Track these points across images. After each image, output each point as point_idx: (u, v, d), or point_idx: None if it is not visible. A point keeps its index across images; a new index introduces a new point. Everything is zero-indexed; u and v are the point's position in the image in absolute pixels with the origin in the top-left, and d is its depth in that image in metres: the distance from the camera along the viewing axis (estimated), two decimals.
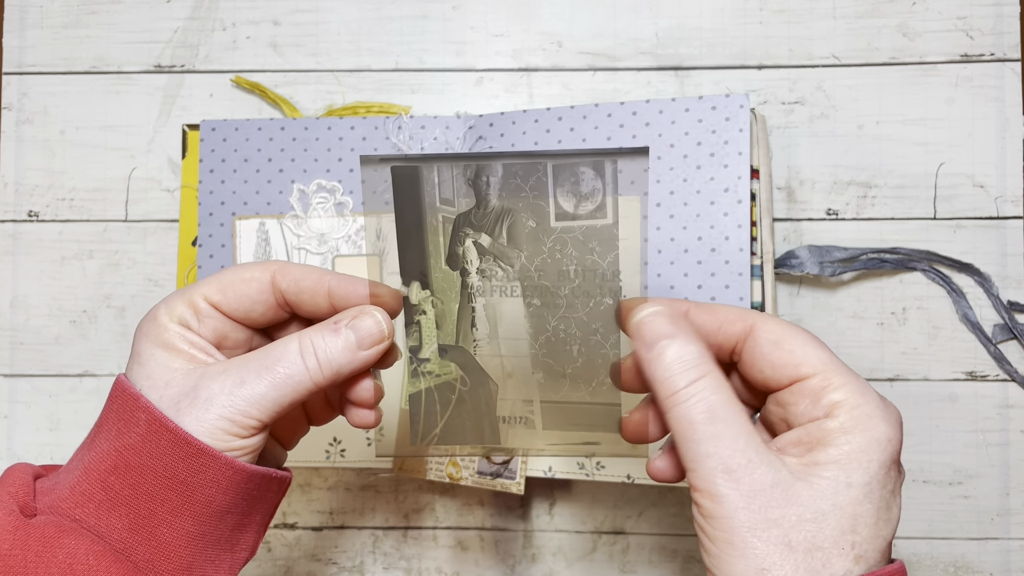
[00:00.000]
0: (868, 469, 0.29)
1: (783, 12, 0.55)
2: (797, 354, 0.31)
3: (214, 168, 0.54)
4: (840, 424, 0.30)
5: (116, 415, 0.33)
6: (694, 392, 0.30)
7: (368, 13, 0.57)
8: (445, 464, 0.51)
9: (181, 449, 0.32)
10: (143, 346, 0.34)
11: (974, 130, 0.54)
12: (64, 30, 0.58)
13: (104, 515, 0.32)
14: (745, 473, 0.29)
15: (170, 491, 0.32)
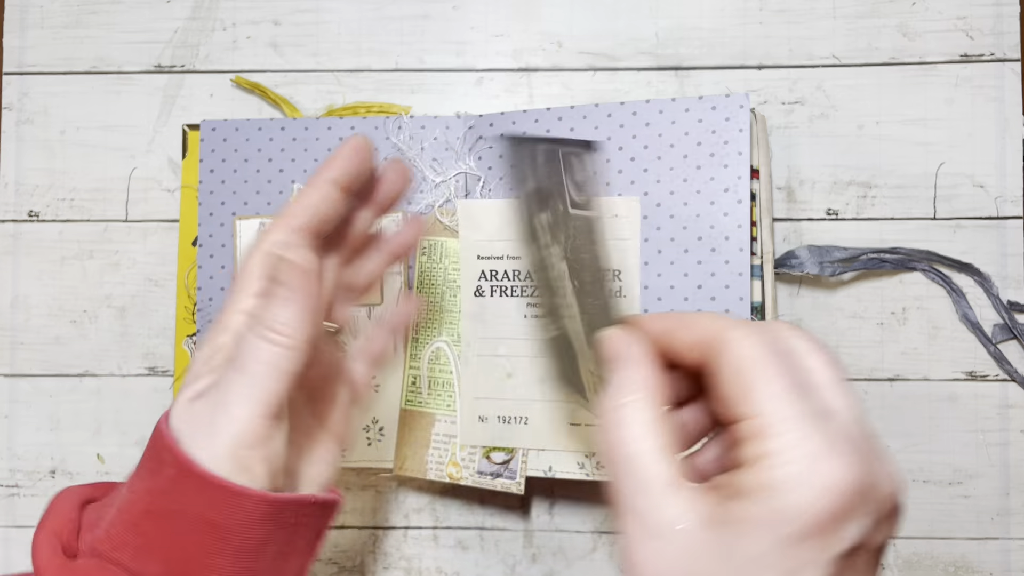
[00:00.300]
0: (778, 528, 0.24)
1: (783, 12, 0.55)
2: (750, 387, 0.27)
3: (214, 168, 0.54)
4: (763, 480, 0.25)
5: (150, 452, 0.32)
6: (620, 414, 0.29)
7: (368, 13, 0.57)
8: (445, 464, 0.51)
9: (208, 492, 0.31)
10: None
11: (974, 130, 0.54)
12: (64, 30, 0.58)
13: (142, 561, 0.31)
14: (644, 503, 0.27)
15: (204, 535, 0.31)
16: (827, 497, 0.24)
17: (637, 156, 0.50)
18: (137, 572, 0.31)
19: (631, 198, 0.50)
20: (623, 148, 0.50)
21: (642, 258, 0.50)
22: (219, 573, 0.31)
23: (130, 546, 0.31)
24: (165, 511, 0.31)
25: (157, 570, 0.31)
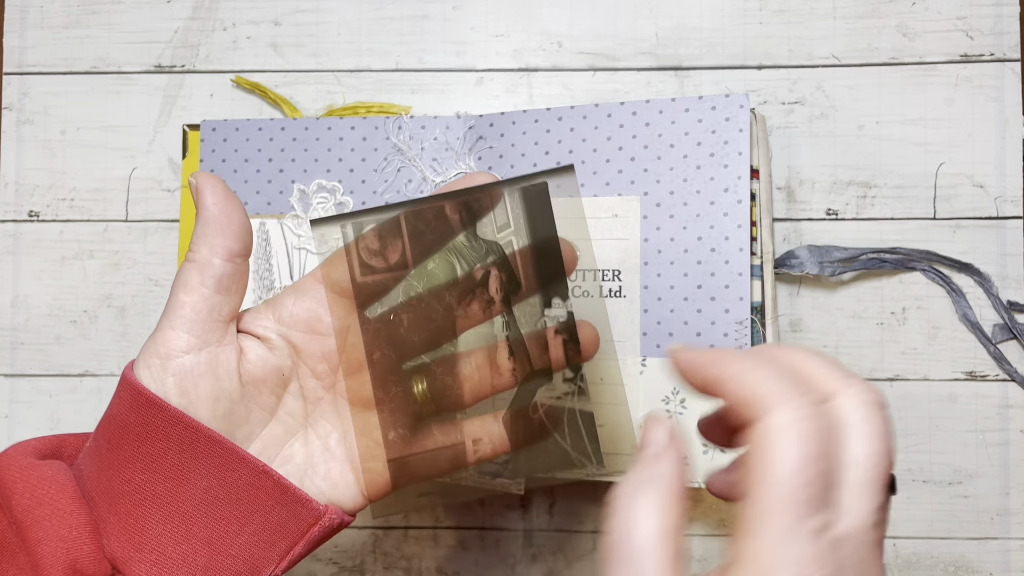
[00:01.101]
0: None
1: (783, 12, 0.55)
2: (753, 472, 0.24)
3: (214, 168, 0.54)
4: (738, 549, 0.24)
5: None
6: (625, 501, 0.27)
7: (368, 13, 0.57)
8: None
9: (127, 395, 0.32)
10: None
11: (974, 130, 0.54)
12: (64, 30, 0.58)
13: (83, 459, 0.33)
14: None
15: (122, 432, 0.32)
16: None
17: (637, 156, 0.50)
18: (78, 467, 0.33)
19: (631, 197, 0.50)
20: (623, 148, 0.50)
21: (642, 258, 0.50)
22: (135, 485, 0.32)
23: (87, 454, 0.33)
24: (106, 419, 0.33)
25: (89, 470, 0.33)
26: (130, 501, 0.31)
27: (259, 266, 0.53)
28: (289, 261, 0.53)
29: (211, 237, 0.33)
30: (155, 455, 0.32)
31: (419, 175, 0.53)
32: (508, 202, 0.33)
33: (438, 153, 0.53)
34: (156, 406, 0.31)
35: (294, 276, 0.53)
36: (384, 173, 0.53)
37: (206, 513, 0.32)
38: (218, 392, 0.33)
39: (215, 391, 0.32)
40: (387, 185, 0.53)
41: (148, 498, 0.32)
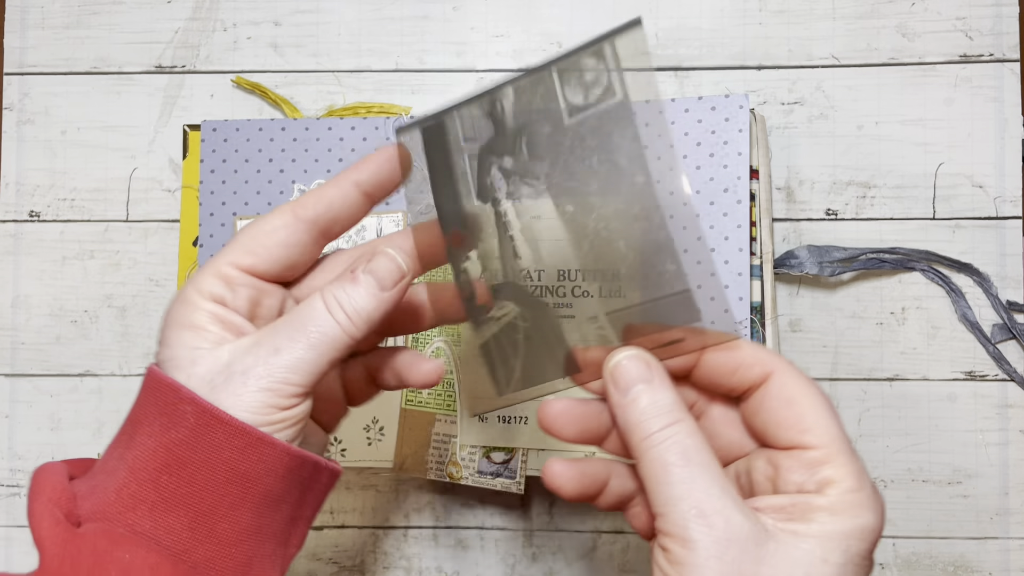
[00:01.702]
0: (846, 552, 0.28)
1: (783, 13, 0.55)
2: (807, 420, 0.30)
3: (215, 168, 0.54)
4: (829, 503, 0.29)
5: (157, 408, 0.31)
6: (668, 435, 0.29)
7: (368, 14, 0.57)
8: (445, 464, 0.51)
9: (237, 439, 0.30)
10: (170, 329, 0.32)
11: (973, 130, 0.54)
12: (65, 30, 0.58)
13: (160, 517, 0.30)
14: (720, 519, 0.28)
15: (229, 484, 0.30)
16: (877, 528, 0.29)
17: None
18: (153, 531, 0.30)
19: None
20: None
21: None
22: (240, 527, 0.31)
23: (146, 503, 0.30)
24: (187, 461, 0.30)
25: (178, 524, 0.30)
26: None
27: None
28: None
29: None
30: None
31: (419, 175, 0.53)
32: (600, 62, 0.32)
33: None
34: (266, 443, 0.31)
35: None
36: None
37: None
38: None
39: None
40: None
41: (267, 538, 0.32)
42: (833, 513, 0.28)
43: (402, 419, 0.52)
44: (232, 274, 0.33)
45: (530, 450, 0.50)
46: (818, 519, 0.28)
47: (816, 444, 0.29)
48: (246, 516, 0.31)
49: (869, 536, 0.28)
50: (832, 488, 0.29)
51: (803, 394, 0.30)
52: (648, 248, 0.32)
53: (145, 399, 0.32)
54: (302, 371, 0.31)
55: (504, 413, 0.51)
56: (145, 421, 0.31)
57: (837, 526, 0.28)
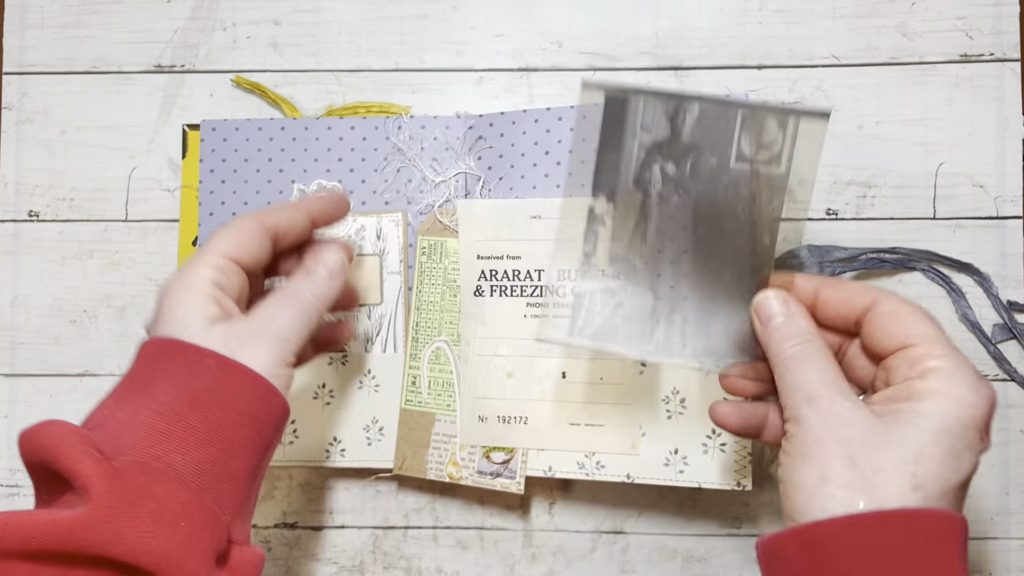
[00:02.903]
0: (943, 421, 0.32)
1: (783, 12, 0.55)
2: (908, 325, 0.35)
3: (215, 168, 0.54)
4: (928, 386, 0.33)
5: (177, 364, 0.36)
6: (797, 351, 0.35)
7: (368, 13, 0.57)
8: (445, 464, 0.51)
9: (256, 387, 0.37)
10: (177, 306, 0.38)
11: (974, 130, 0.54)
12: (64, 30, 0.58)
13: (190, 451, 0.35)
14: (824, 400, 0.33)
15: (246, 426, 0.36)
16: (985, 407, 0.33)
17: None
18: (181, 463, 0.34)
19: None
20: None
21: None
22: (247, 466, 0.36)
23: (174, 439, 0.34)
24: (212, 404, 0.35)
25: (204, 457, 0.35)
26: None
27: None
28: None
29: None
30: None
31: (419, 175, 0.53)
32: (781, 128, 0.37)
33: (438, 153, 0.53)
34: (276, 393, 0.38)
35: None
36: (384, 173, 0.53)
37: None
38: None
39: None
40: (387, 185, 0.53)
41: (255, 481, 0.38)
42: (931, 392, 0.33)
43: (402, 419, 0.52)
44: (224, 263, 0.39)
45: (530, 450, 0.50)
46: (918, 397, 0.33)
47: (918, 342, 0.34)
48: (254, 457, 0.37)
49: (965, 408, 0.32)
50: (932, 374, 0.33)
51: (904, 307, 0.35)
52: (740, 289, 0.39)
53: (156, 360, 0.37)
54: (297, 333, 0.39)
55: (504, 413, 0.51)
56: (163, 376, 0.36)
57: (934, 401, 0.32)
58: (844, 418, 0.33)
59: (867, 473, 0.32)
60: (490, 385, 0.51)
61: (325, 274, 0.42)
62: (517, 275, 0.51)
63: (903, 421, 0.32)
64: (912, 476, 0.31)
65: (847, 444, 0.32)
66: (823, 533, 0.31)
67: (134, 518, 0.32)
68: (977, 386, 0.33)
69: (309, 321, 0.40)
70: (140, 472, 0.33)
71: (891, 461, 0.32)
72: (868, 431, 0.32)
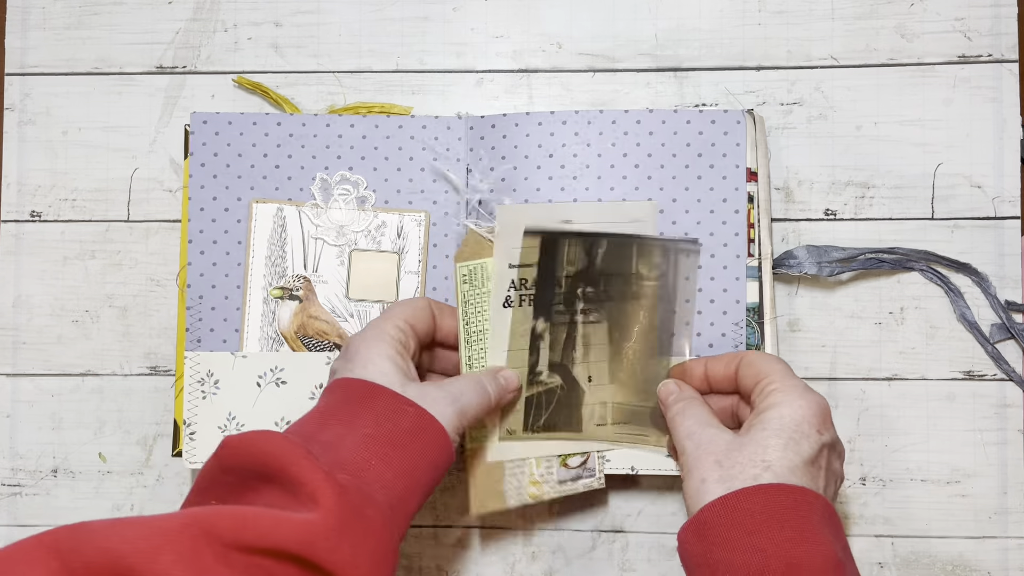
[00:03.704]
0: (780, 420, 0.42)
1: (782, 13, 0.55)
2: (758, 367, 0.45)
3: (206, 162, 0.53)
4: (771, 401, 0.43)
5: (377, 406, 0.41)
6: (680, 408, 0.47)
7: (369, 15, 0.57)
8: (525, 486, 0.50)
9: (441, 439, 0.42)
10: (374, 354, 0.44)
11: (972, 131, 0.54)
12: (66, 31, 0.58)
13: (387, 482, 0.39)
14: (696, 434, 0.44)
15: (430, 472, 0.41)
16: (813, 408, 0.43)
17: (642, 163, 0.51)
18: (379, 489, 0.39)
19: (649, 203, 0.51)
20: (628, 155, 0.51)
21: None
22: (419, 505, 0.41)
23: (374, 470, 0.39)
24: (409, 446, 0.41)
25: (399, 488, 0.40)
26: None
27: (273, 252, 0.53)
28: (304, 250, 0.53)
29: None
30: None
31: (419, 174, 0.53)
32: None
33: (439, 153, 0.53)
34: (452, 451, 0.44)
35: (308, 265, 0.53)
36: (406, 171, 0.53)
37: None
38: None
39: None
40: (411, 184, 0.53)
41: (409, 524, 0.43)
42: (774, 406, 0.43)
43: (471, 458, 0.50)
44: (407, 328, 0.46)
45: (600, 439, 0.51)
46: (765, 412, 0.43)
47: (764, 376, 0.45)
48: (423, 501, 0.42)
49: (797, 411, 0.42)
50: (772, 395, 0.43)
51: (758, 358, 0.46)
52: (652, 380, 0.51)
53: (359, 398, 0.42)
54: (468, 414, 0.45)
55: (586, 412, 0.51)
56: (366, 413, 0.41)
57: (772, 412, 0.42)
58: (712, 439, 0.43)
59: (730, 469, 0.41)
60: (520, 426, 0.51)
61: (504, 384, 0.48)
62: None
63: (753, 430, 0.42)
64: (762, 461, 0.41)
65: (715, 455, 0.42)
66: (703, 516, 0.40)
67: (351, 534, 0.36)
68: (804, 395, 0.43)
69: (480, 409, 0.46)
70: (357, 493, 0.37)
71: (746, 456, 0.41)
72: (729, 444, 0.42)
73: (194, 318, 0.53)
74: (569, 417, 0.50)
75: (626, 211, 0.51)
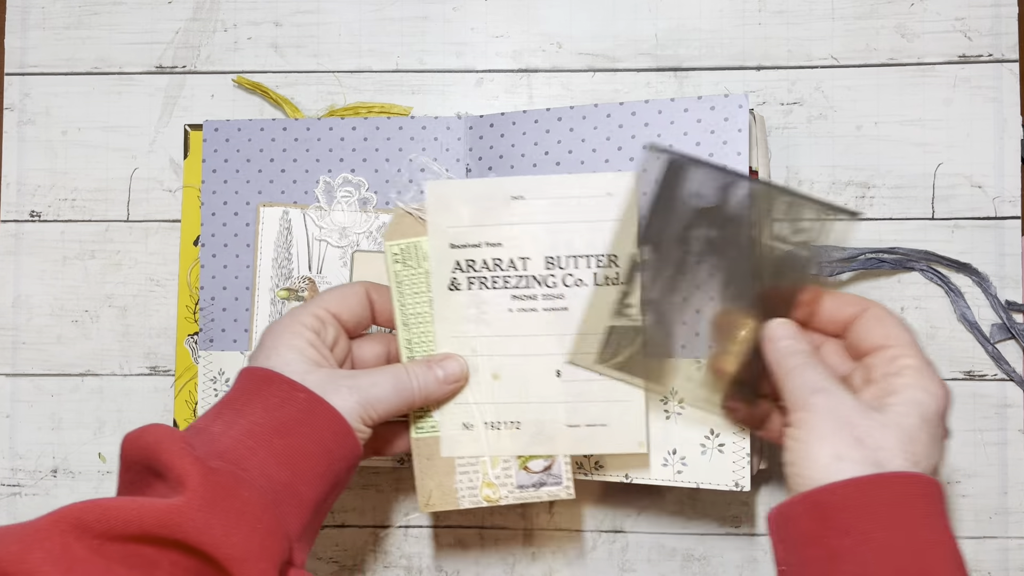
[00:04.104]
0: (923, 412, 0.38)
1: (782, 13, 0.55)
2: (889, 328, 0.41)
3: (217, 168, 0.54)
4: (906, 381, 0.39)
5: (269, 393, 0.41)
6: (801, 361, 0.40)
7: (369, 14, 0.57)
8: (479, 487, 0.47)
9: (336, 425, 0.41)
10: (280, 343, 0.43)
11: (972, 131, 0.54)
12: (66, 31, 0.58)
13: (268, 469, 0.39)
14: (831, 392, 0.38)
15: (320, 458, 0.40)
16: (945, 396, 0.39)
17: (637, 157, 0.50)
18: (259, 479, 0.38)
19: (624, 173, 0.46)
20: (622, 148, 0.51)
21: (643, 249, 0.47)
22: (315, 495, 0.40)
23: (258, 456, 0.39)
24: (295, 432, 0.40)
25: (279, 477, 0.39)
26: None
27: (279, 254, 0.53)
28: (308, 252, 0.53)
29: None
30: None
31: (419, 173, 0.53)
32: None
33: (439, 153, 0.53)
34: (352, 435, 0.42)
35: (312, 266, 0.53)
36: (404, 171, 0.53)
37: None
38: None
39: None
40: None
41: (318, 513, 0.42)
42: (910, 386, 0.38)
43: (417, 450, 0.47)
44: (325, 316, 0.44)
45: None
46: (902, 390, 0.38)
47: (895, 344, 0.40)
48: (322, 488, 0.40)
49: (937, 400, 0.38)
50: (907, 370, 0.39)
51: (888, 316, 0.42)
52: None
53: (255, 387, 0.41)
54: (384, 405, 0.43)
55: (491, 419, 0.47)
56: (257, 401, 0.41)
57: (914, 394, 0.38)
58: (847, 403, 0.38)
59: (874, 452, 0.36)
60: (473, 388, 0.47)
61: (440, 376, 0.46)
62: (499, 264, 0.47)
63: (893, 411, 0.38)
64: (912, 454, 0.37)
65: (853, 427, 0.37)
66: (829, 495, 0.36)
67: (222, 513, 0.35)
68: (941, 382, 0.39)
69: (400, 404, 0.44)
70: (229, 475, 0.37)
71: (892, 441, 0.37)
72: (867, 417, 0.37)
73: (206, 319, 0.53)
74: (649, 366, 0.46)
75: (595, 184, 0.46)
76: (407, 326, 0.47)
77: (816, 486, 0.36)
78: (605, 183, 0.46)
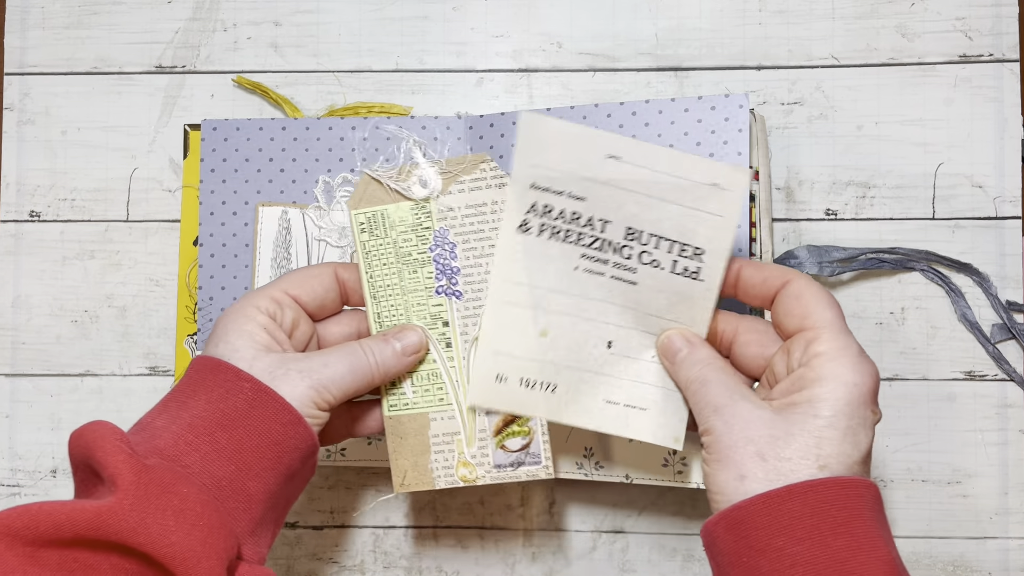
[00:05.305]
0: (835, 405, 0.35)
1: (782, 13, 0.55)
2: (806, 307, 0.37)
3: (215, 167, 0.54)
4: (815, 373, 0.36)
5: (215, 384, 0.39)
6: (700, 374, 0.39)
7: (369, 14, 0.57)
8: (454, 467, 0.45)
9: (284, 415, 0.39)
10: (230, 328, 0.41)
11: (973, 130, 0.54)
12: (65, 31, 0.58)
13: (211, 464, 0.37)
14: (728, 408, 0.37)
15: (268, 450, 0.38)
16: (869, 384, 0.36)
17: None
18: (201, 474, 0.37)
19: (740, 167, 0.42)
20: None
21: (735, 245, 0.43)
22: (263, 488, 0.38)
23: (199, 451, 0.37)
24: (239, 425, 0.38)
25: (222, 472, 0.37)
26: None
27: (278, 254, 0.53)
28: (308, 251, 0.53)
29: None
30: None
31: None
32: None
33: (439, 153, 0.53)
34: (302, 424, 0.40)
35: None
36: None
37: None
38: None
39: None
40: None
41: (272, 507, 0.40)
42: (823, 380, 0.36)
43: (390, 429, 0.46)
44: (283, 298, 0.42)
45: (549, 428, 0.44)
46: (807, 387, 0.36)
47: (810, 326, 0.37)
48: (272, 481, 0.38)
49: (852, 390, 0.35)
50: (818, 359, 0.36)
51: (808, 290, 0.38)
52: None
53: (200, 378, 0.39)
54: (339, 386, 0.41)
55: (529, 376, 0.44)
56: (201, 393, 0.39)
57: (822, 389, 0.35)
58: (747, 419, 0.36)
59: (777, 465, 0.35)
60: (517, 341, 0.43)
61: (398, 349, 0.43)
62: (577, 219, 0.42)
63: (799, 412, 0.35)
64: (817, 458, 0.35)
65: (755, 443, 0.35)
66: (742, 513, 0.35)
67: (158, 511, 0.34)
68: (860, 366, 0.36)
69: (358, 383, 0.42)
70: (167, 471, 0.35)
71: (795, 450, 0.35)
72: (771, 427, 0.36)
73: (205, 319, 0.53)
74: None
75: (705, 169, 0.41)
76: (376, 299, 0.45)
77: (728, 504, 0.36)
78: (716, 172, 0.41)
